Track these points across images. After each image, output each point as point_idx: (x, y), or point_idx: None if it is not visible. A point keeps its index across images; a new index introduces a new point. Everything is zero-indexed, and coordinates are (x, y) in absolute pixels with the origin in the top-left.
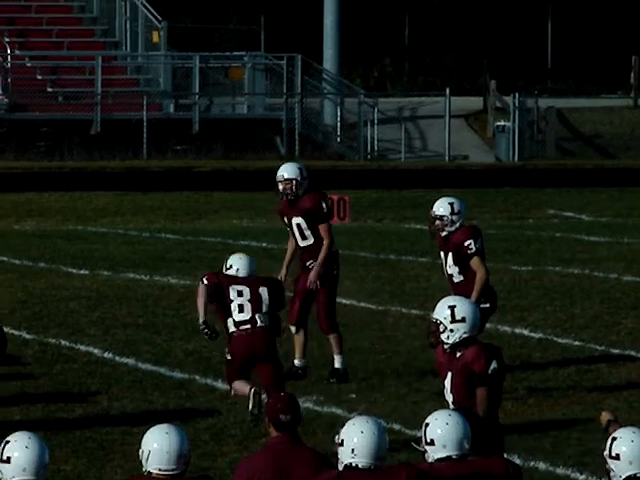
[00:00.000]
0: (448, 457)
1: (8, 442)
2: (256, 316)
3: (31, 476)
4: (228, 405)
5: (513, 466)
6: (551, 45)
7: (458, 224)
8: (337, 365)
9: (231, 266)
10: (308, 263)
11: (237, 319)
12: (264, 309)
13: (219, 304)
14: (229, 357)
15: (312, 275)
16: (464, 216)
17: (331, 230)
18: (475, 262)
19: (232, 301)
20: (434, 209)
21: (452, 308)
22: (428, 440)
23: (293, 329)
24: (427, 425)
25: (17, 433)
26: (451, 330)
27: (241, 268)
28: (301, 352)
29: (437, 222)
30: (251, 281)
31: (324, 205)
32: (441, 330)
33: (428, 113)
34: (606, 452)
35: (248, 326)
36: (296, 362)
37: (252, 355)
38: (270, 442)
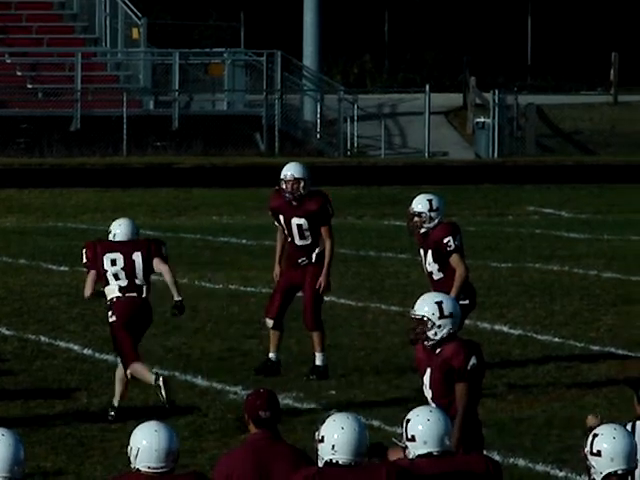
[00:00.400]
0: (429, 453)
1: None
2: (135, 281)
3: (4, 473)
4: (208, 402)
5: (493, 463)
6: (531, 42)
7: (437, 221)
8: (318, 362)
9: (111, 232)
10: (300, 260)
11: (119, 285)
12: (139, 275)
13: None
14: (113, 319)
15: (323, 279)
16: (443, 213)
17: (331, 230)
18: (454, 259)
19: (106, 271)
20: (413, 206)
21: (439, 304)
22: (409, 436)
23: (270, 323)
24: (408, 421)
25: None
26: (439, 326)
27: (118, 233)
28: (276, 346)
29: (416, 219)
30: (126, 247)
31: (329, 207)
32: (429, 326)
33: (408, 110)
34: (587, 449)
35: (133, 293)
36: (271, 355)
37: (137, 320)
38: (250, 438)
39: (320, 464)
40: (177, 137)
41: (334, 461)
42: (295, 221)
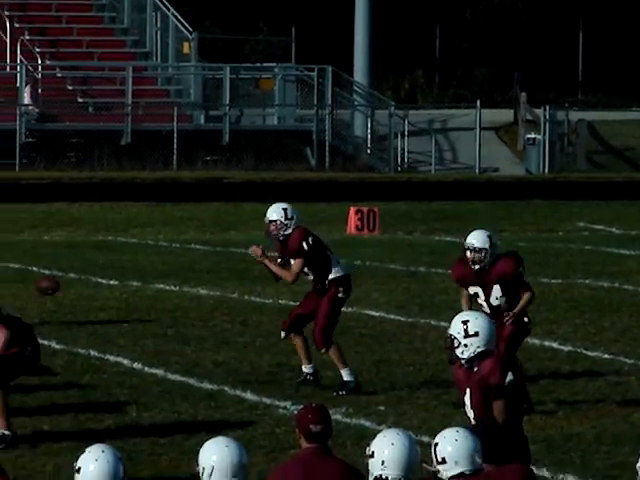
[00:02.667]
0: (461, 473)
1: (83, 452)
2: None
3: None
4: (257, 416)
5: (528, 471)
6: (582, 58)
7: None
8: (346, 378)
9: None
10: (317, 286)
11: None
12: None
13: None
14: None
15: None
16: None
17: (301, 266)
18: (523, 285)
19: None
20: (470, 241)
21: (465, 323)
22: (439, 459)
23: (282, 334)
24: (437, 445)
25: (93, 446)
26: (465, 345)
27: None
28: (306, 358)
29: (475, 255)
30: None
31: (304, 245)
32: (455, 345)
33: (458, 125)
34: (639, 464)
35: None
36: (304, 369)
37: None
38: (301, 453)
39: (370, 479)
40: (227, 152)
41: (384, 477)
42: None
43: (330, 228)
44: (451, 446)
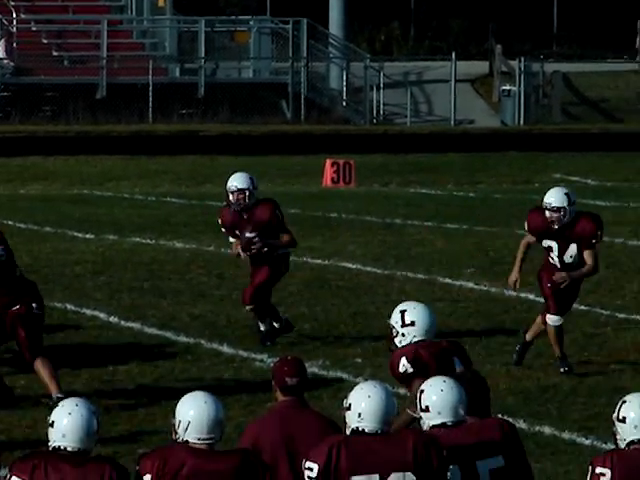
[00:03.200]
0: (443, 424)
1: (57, 407)
2: None
3: (74, 443)
4: (234, 369)
5: (509, 426)
6: (557, 9)
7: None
8: (262, 328)
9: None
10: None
11: None
12: None
13: None
14: None
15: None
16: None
17: (292, 235)
18: (592, 254)
19: None
20: (549, 200)
21: (403, 312)
22: (423, 407)
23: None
24: (422, 392)
25: (67, 399)
26: (402, 334)
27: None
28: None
29: (554, 214)
30: None
31: (278, 213)
32: (394, 334)
33: (434, 77)
34: (614, 414)
35: None
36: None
37: None
38: (277, 406)
39: (347, 432)
40: (203, 105)
41: (360, 429)
42: (249, 236)
43: (306, 180)
44: (436, 395)
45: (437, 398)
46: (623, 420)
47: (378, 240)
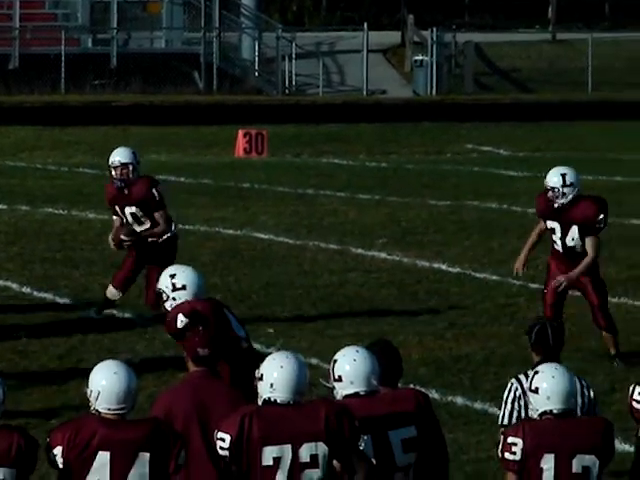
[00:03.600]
0: (356, 393)
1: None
2: None
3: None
4: (146, 340)
5: (423, 396)
6: None
7: (571, 196)
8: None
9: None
10: (150, 240)
11: None
12: None
13: None
14: None
15: None
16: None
17: (168, 215)
18: (594, 238)
19: None
20: (546, 181)
21: (173, 277)
22: (336, 377)
23: (116, 293)
24: (335, 362)
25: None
26: (173, 298)
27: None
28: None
29: (549, 193)
30: None
31: (155, 192)
32: (165, 299)
33: (346, 48)
34: (526, 384)
35: None
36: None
37: None
38: (189, 376)
39: (259, 402)
40: (115, 75)
41: (272, 399)
42: (128, 210)
43: (219, 151)
44: (349, 365)
45: (350, 368)
46: (536, 391)
47: (290, 210)
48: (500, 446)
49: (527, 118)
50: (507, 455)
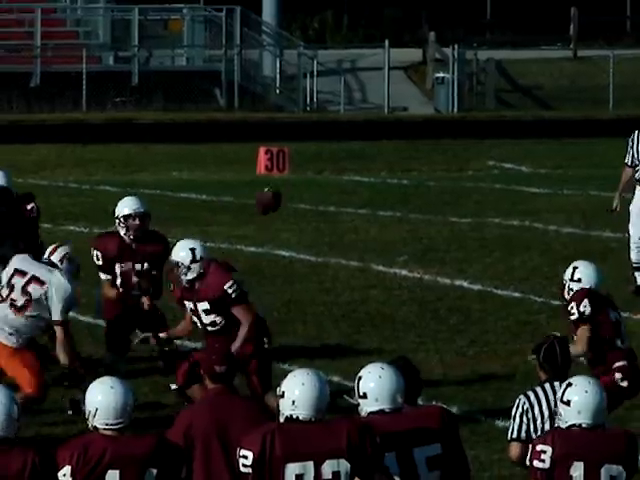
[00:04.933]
0: (381, 410)
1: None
2: None
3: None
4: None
5: (448, 414)
6: None
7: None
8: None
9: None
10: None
11: None
12: None
13: None
14: None
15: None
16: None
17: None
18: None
19: None
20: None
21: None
22: (361, 393)
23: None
24: (360, 378)
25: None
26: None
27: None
28: None
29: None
30: None
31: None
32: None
33: (368, 65)
34: (559, 395)
35: None
36: None
37: None
38: (208, 394)
39: (281, 420)
40: (137, 93)
41: (294, 417)
42: (137, 270)
43: (240, 168)
44: (374, 382)
45: (375, 385)
46: (567, 403)
47: (312, 228)
48: (529, 455)
49: (549, 135)
50: (536, 463)
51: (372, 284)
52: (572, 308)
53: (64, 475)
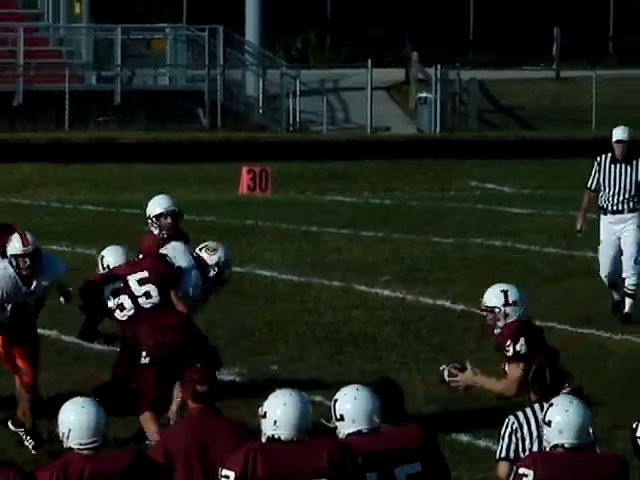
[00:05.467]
0: (358, 431)
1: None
2: None
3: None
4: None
5: (427, 433)
6: (473, 16)
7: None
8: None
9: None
10: None
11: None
12: None
13: None
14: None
15: None
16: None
17: None
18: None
19: None
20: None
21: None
22: (338, 416)
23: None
24: (336, 401)
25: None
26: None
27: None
28: None
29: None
30: None
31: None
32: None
33: (350, 85)
34: (541, 416)
35: None
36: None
37: None
38: (191, 414)
39: (263, 439)
40: (119, 112)
41: (276, 437)
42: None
43: (222, 188)
44: (350, 404)
45: (351, 406)
46: (549, 424)
47: (295, 247)
48: (511, 477)
49: (531, 155)
50: None
51: (354, 304)
52: (508, 345)
53: None
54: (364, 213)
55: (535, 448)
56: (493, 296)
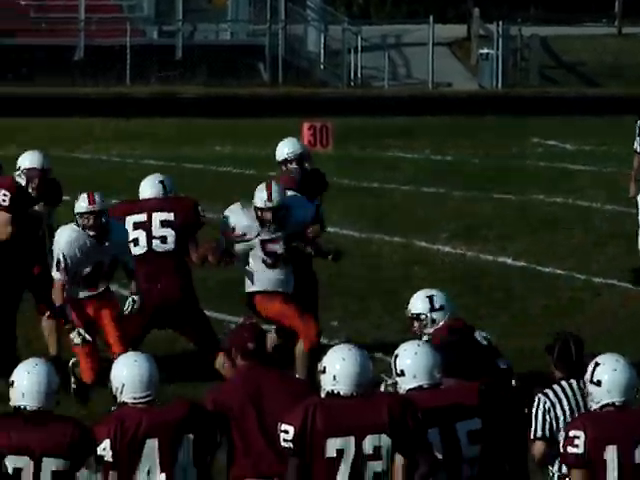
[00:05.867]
0: (419, 387)
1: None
2: None
3: (31, 402)
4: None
5: (486, 390)
6: None
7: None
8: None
9: None
10: None
11: None
12: None
13: None
14: None
15: None
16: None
17: None
18: None
19: None
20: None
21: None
22: (398, 371)
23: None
24: (397, 356)
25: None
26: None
27: None
28: None
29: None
30: None
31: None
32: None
33: (412, 41)
34: (587, 376)
35: None
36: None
37: None
38: (238, 369)
39: (322, 395)
40: (180, 67)
41: (335, 392)
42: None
43: None
44: (410, 359)
45: (412, 361)
46: (598, 383)
47: (356, 203)
48: (562, 441)
49: (592, 112)
50: (570, 449)
51: (415, 260)
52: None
53: (104, 449)
54: (425, 169)
55: None
56: (419, 302)
